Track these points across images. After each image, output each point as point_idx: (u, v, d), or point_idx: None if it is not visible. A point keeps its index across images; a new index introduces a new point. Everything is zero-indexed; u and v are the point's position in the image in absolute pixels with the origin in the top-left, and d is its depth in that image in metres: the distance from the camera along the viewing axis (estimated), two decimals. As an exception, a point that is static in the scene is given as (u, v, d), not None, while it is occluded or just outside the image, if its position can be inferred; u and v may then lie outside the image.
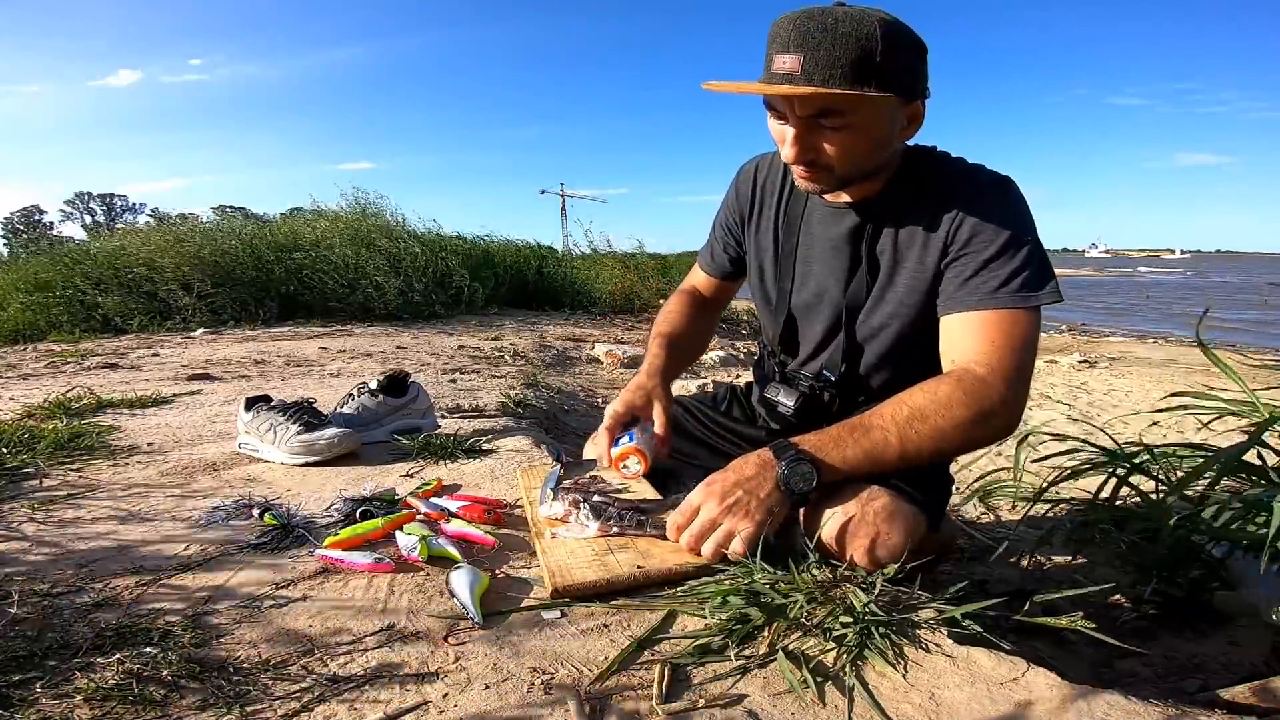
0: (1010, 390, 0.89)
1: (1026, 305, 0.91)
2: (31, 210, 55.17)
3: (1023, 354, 0.90)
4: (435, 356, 3.24)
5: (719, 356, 4.39)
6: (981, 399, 0.87)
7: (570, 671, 0.70)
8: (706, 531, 0.85)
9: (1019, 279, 0.91)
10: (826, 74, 0.83)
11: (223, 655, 0.72)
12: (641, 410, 1.06)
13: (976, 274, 0.93)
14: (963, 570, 1.31)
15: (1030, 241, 0.93)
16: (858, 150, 0.91)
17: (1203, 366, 4.85)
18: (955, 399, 0.87)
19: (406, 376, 1.65)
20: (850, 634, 0.72)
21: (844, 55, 0.83)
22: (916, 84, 0.91)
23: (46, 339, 4.12)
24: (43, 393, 2.09)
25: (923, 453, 0.87)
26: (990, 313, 0.92)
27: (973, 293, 0.93)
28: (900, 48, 0.86)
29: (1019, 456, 1.39)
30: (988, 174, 0.99)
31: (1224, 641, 1.00)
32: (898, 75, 0.86)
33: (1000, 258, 0.92)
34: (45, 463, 1.39)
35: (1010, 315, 0.91)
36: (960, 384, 0.88)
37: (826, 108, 0.87)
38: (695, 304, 1.28)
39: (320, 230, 5.43)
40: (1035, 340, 0.92)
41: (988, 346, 0.90)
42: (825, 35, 0.83)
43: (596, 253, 7.76)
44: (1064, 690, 0.66)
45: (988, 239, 0.93)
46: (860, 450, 0.86)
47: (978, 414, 0.87)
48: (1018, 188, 0.97)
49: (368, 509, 1.08)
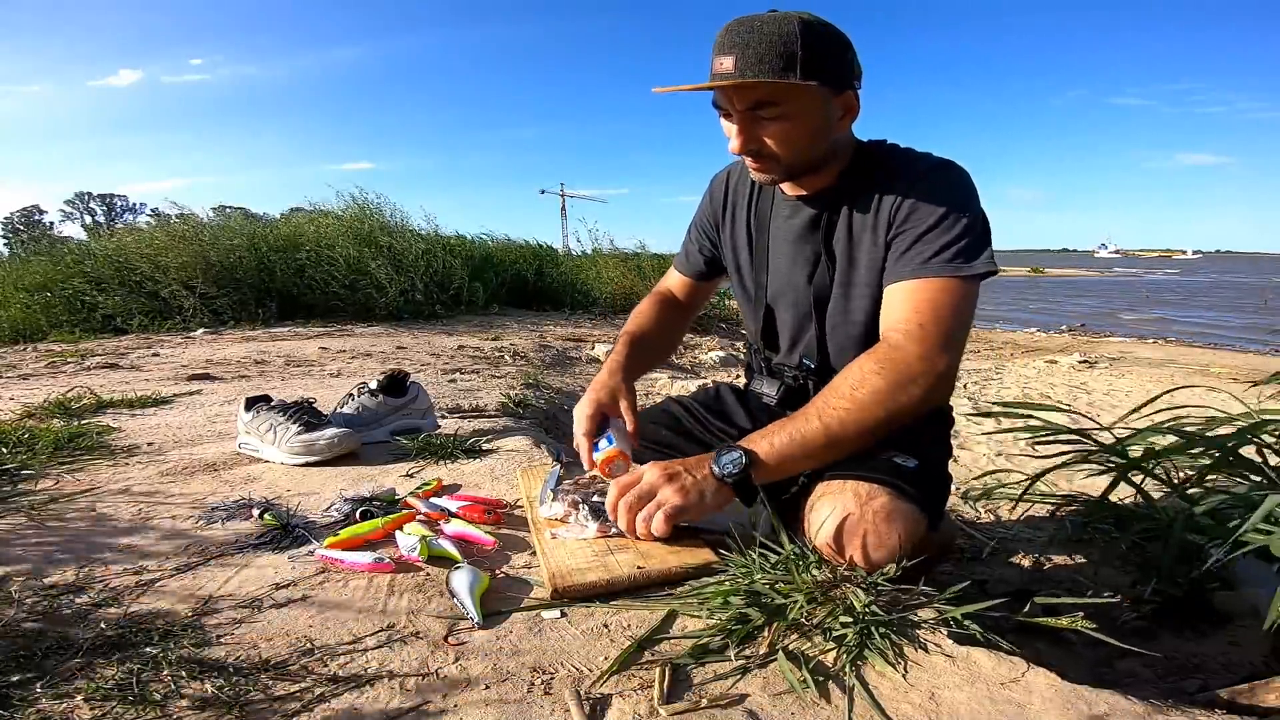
0: (930, 353, 0.91)
1: (957, 274, 0.95)
2: (31, 210, 55.21)
3: (949, 320, 0.94)
4: (435, 356, 3.24)
5: (719, 356, 4.39)
6: (898, 366, 0.91)
7: (570, 671, 0.70)
8: (644, 495, 0.90)
9: (951, 249, 0.95)
10: (756, 69, 0.91)
11: (223, 655, 0.72)
12: (609, 408, 1.09)
13: (911, 247, 0.97)
14: (963, 570, 1.31)
15: (966, 215, 0.97)
16: (796, 138, 0.97)
17: (1202, 367, 4.85)
18: (869, 370, 0.91)
19: (406, 376, 1.65)
20: (850, 634, 0.72)
21: (769, 51, 0.91)
22: (843, 74, 0.97)
23: (46, 339, 4.12)
24: (43, 393, 2.09)
25: (848, 427, 0.89)
26: (919, 281, 0.95)
27: (906, 264, 0.97)
28: (820, 41, 0.93)
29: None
30: (931, 159, 1.03)
31: (1224, 641, 1.00)
32: (821, 66, 0.93)
33: (934, 230, 0.96)
34: (45, 463, 1.39)
35: (938, 283, 0.95)
36: (874, 355, 0.92)
37: (760, 99, 0.94)
38: (666, 305, 1.32)
39: (321, 229, 5.43)
40: (965, 308, 0.96)
41: (910, 313, 0.95)
42: (753, 35, 0.92)
43: (598, 252, 7.76)
44: (1064, 690, 0.66)
45: (924, 214, 0.97)
46: (785, 435, 0.90)
47: (895, 382, 0.90)
48: (960, 168, 1.02)
49: (368, 509, 1.08)
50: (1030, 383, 4.14)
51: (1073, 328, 9.67)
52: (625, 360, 1.16)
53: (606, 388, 1.10)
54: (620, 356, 1.16)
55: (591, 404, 1.08)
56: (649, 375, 3.74)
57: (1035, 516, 1.57)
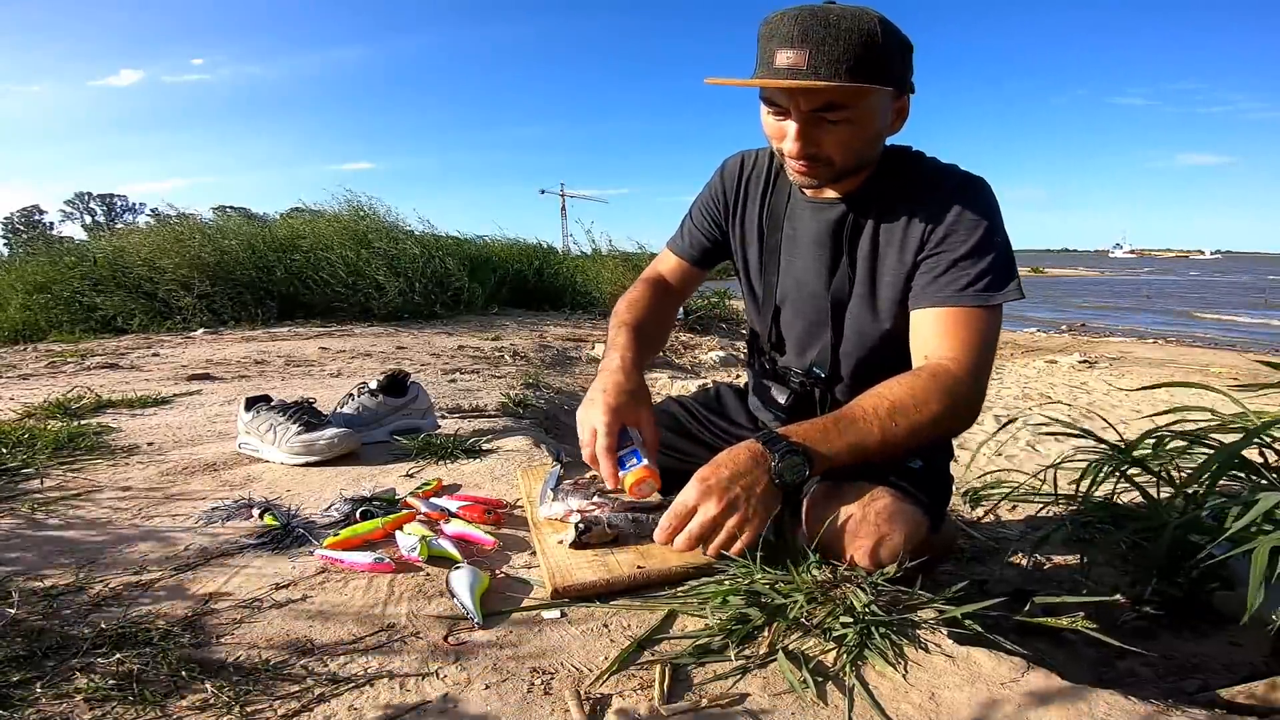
0: (978, 385, 0.95)
1: (990, 304, 0.96)
2: (31, 210, 55.20)
3: (987, 351, 0.96)
4: (435, 356, 3.24)
5: (719, 356, 4.39)
6: (955, 394, 0.92)
7: (570, 671, 0.70)
8: (707, 532, 0.84)
9: (986, 279, 0.95)
10: (833, 69, 0.86)
11: (223, 655, 0.72)
12: (629, 418, 0.98)
13: (947, 271, 0.97)
14: (963, 570, 1.31)
15: (999, 242, 0.97)
16: (855, 143, 0.94)
17: (1202, 366, 4.85)
18: (933, 395, 0.91)
19: (406, 376, 1.65)
20: (850, 634, 0.72)
21: (848, 50, 0.86)
22: (906, 79, 0.96)
23: (46, 339, 4.12)
24: (43, 393, 2.09)
25: (900, 444, 0.90)
26: (959, 310, 0.96)
27: (942, 289, 0.97)
28: (894, 43, 0.90)
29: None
30: (959, 174, 1.02)
31: (1224, 641, 1.00)
32: (894, 70, 0.91)
33: (970, 257, 0.96)
34: (45, 463, 1.38)
35: (976, 313, 0.96)
36: (936, 379, 0.92)
37: (831, 102, 0.90)
38: (660, 292, 1.23)
39: (318, 230, 5.43)
40: (997, 336, 0.98)
41: (957, 344, 0.95)
42: (829, 31, 0.86)
43: (598, 252, 7.76)
44: (1064, 690, 0.66)
45: (960, 239, 0.96)
46: (845, 443, 0.88)
47: (951, 408, 0.91)
48: (988, 187, 1.01)
49: (368, 509, 1.08)
50: (1030, 383, 4.14)
51: (1073, 327, 9.67)
52: (635, 356, 1.05)
53: (625, 393, 0.99)
54: (630, 352, 1.05)
55: (609, 412, 0.96)
56: (649, 375, 3.74)
57: (1035, 516, 1.57)
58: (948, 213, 0.97)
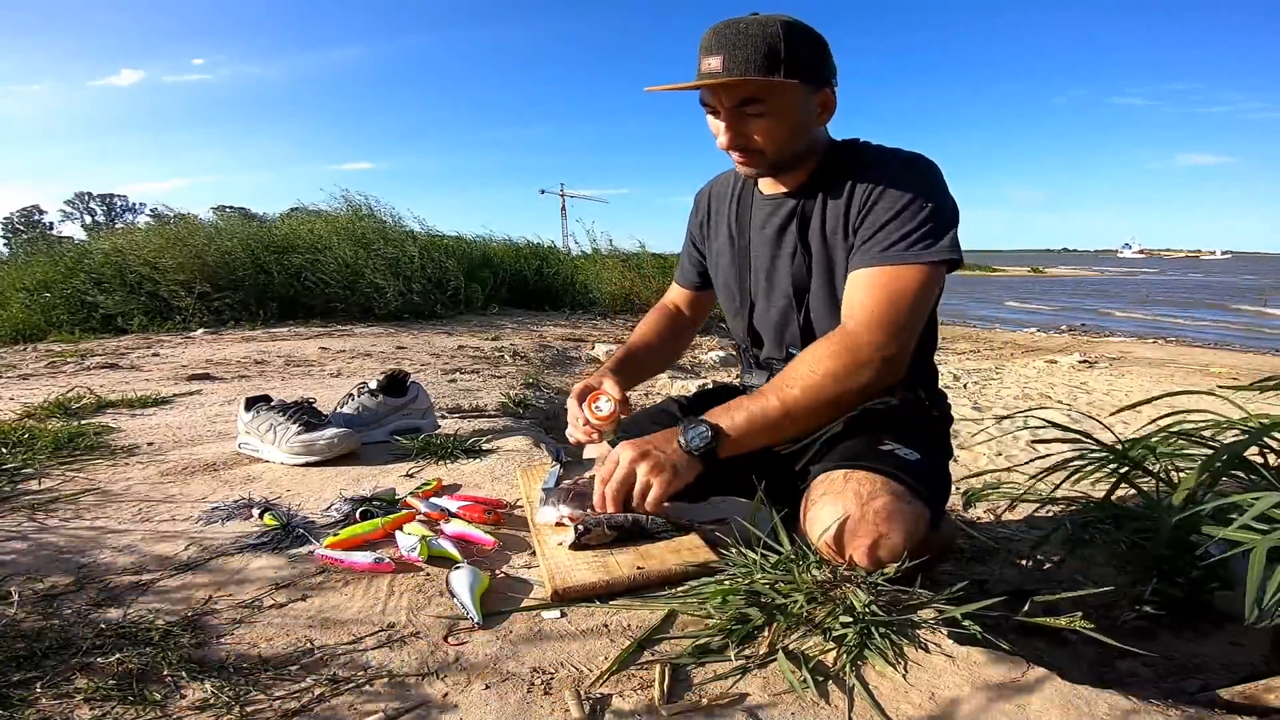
0: (880, 338, 0.97)
1: (916, 261, 0.98)
2: (31, 210, 55.18)
3: (902, 305, 0.98)
4: (435, 356, 3.24)
5: (719, 356, 4.39)
6: (850, 349, 0.96)
7: (570, 671, 0.70)
8: (624, 479, 0.94)
9: (911, 237, 0.99)
10: (743, 68, 0.96)
11: (223, 655, 0.72)
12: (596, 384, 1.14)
13: (873, 235, 1.01)
14: (963, 570, 1.31)
15: (930, 204, 1.00)
16: (780, 133, 1.02)
17: (1202, 366, 4.85)
18: (823, 353, 0.97)
19: (406, 376, 1.65)
20: (850, 634, 0.72)
21: (755, 51, 0.96)
22: (821, 73, 1.02)
23: (46, 339, 4.12)
24: (43, 393, 2.09)
25: (803, 406, 0.95)
26: (877, 269, 1.00)
27: (866, 253, 1.01)
28: (800, 42, 0.98)
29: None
30: (900, 153, 1.07)
31: (1224, 641, 1.00)
32: (801, 65, 0.98)
33: (895, 219, 1.00)
34: (45, 463, 1.39)
35: (895, 270, 0.98)
36: (829, 340, 0.98)
37: (746, 97, 0.99)
38: (667, 318, 1.39)
39: (317, 230, 5.42)
40: (922, 293, 0.99)
41: (865, 299, 0.99)
42: (739, 37, 0.97)
43: (598, 252, 7.76)
44: (1064, 690, 0.66)
45: (887, 204, 1.01)
46: (746, 412, 0.95)
47: (847, 365, 0.95)
48: (927, 160, 1.05)
49: (368, 509, 1.08)
50: (1030, 383, 4.14)
51: (1072, 327, 9.67)
52: (616, 365, 1.22)
53: (595, 376, 1.17)
54: (612, 362, 1.23)
55: (580, 386, 1.15)
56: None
57: (1035, 516, 1.57)
58: (880, 185, 1.02)
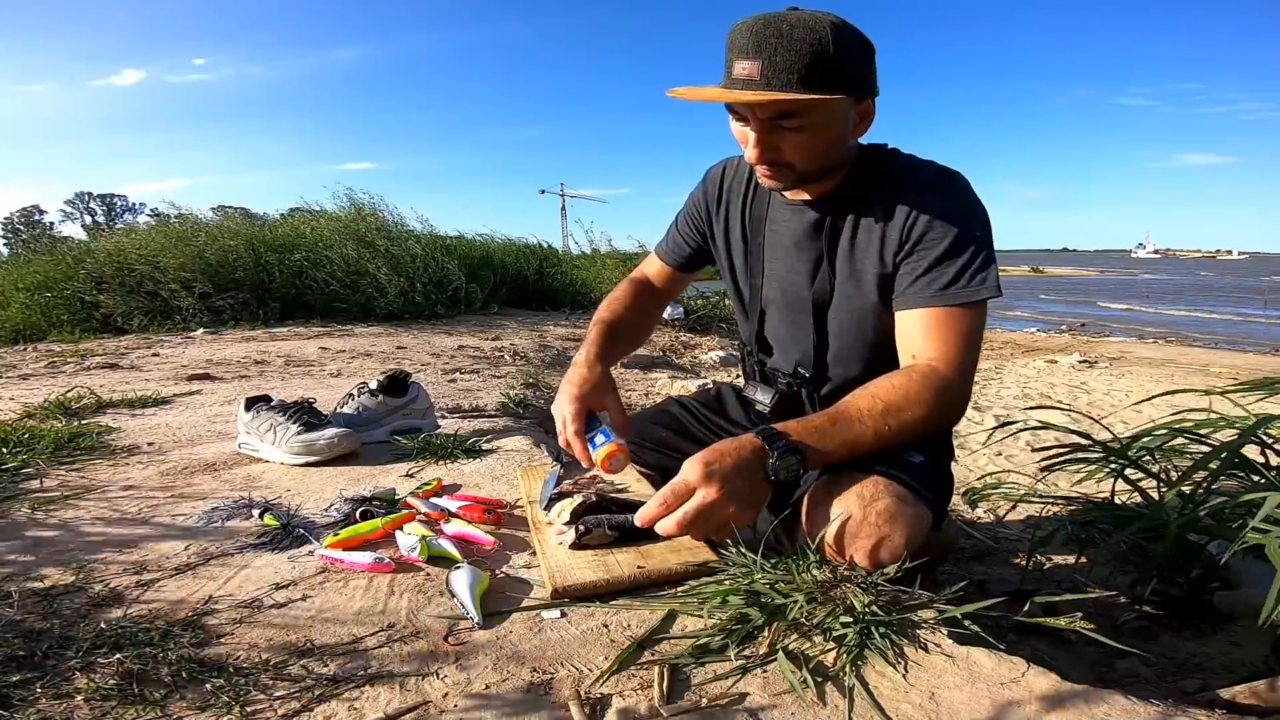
0: (965, 384, 0.96)
1: (973, 300, 0.96)
2: (31, 210, 55.16)
3: (972, 348, 0.97)
4: (435, 356, 3.24)
5: (719, 356, 4.39)
6: (944, 394, 0.93)
7: (570, 671, 0.70)
8: (704, 516, 0.83)
9: (966, 274, 0.96)
10: (784, 79, 0.87)
11: (223, 655, 0.72)
12: (594, 404, 1.05)
13: (928, 271, 0.97)
14: (963, 570, 1.31)
15: (977, 237, 0.98)
16: (815, 149, 0.96)
17: (1202, 366, 4.85)
18: (924, 396, 0.92)
19: (406, 376, 1.65)
20: (850, 634, 0.72)
21: (799, 60, 0.87)
22: (866, 83, 0.95)
23: (46, 339, 4.12)
24: (43, 393, 2.09)
25: (892, 442, 0.92)
26: (943, 310, 0.97)
27: (925, 288, 0.98)
28: (851, 49, 0.90)
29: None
30: (935, 168, 1.03)
31: (1224, 641, 1.00)
32: (849, 76, 0.91)
33: (950, 255, 0.96)
34: (45, 463, 1.39)
35: (958, 312, 0.96)
36: (927, 380, 0.93)
37: (786, 110, 0.91)
38: (643, 292, 1.29)
39: (318, 230, 5.42)
40: (981, 332, 0.99)
41: (942, 344, 0.96)
42: (781, 41, 0.87)
43: (597, 252, 7.77)
44: (1064, 690, 0.66)
45: (937, 236, 0.97)
46: (840, 441, 0.90)
47: (941, 407, 0.93)
48: (964, 180, 1.01)
49: (368, 509, 1.08)
50: (1030, 383, 4.14)
51: (1072, 327, 9.66)
52: (600, 350, 1.12)
53: (588, 383, 1.06)
54: (595, 347, 1.13)
55: (574, 400, 1.03)
56: (649, 375, 3.74)
57: (1035, 516, 1.57)
58: (924, 211, 0.97)
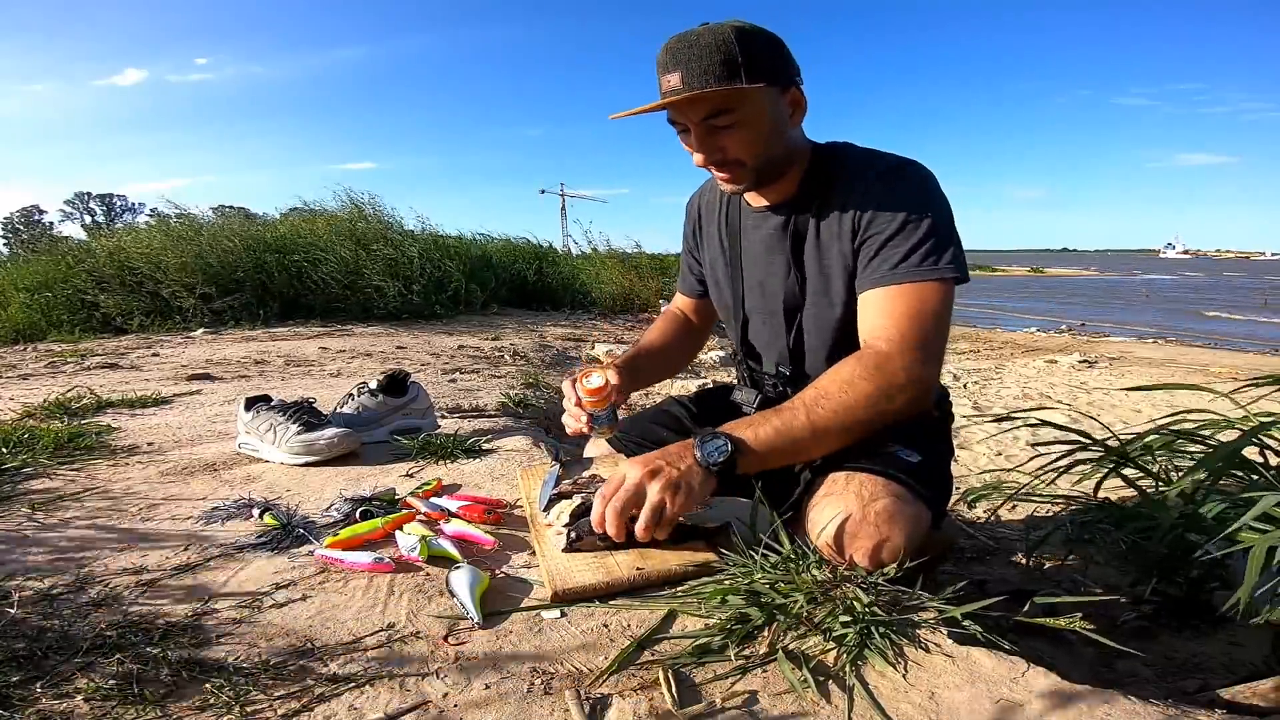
0: (912, 360, 0.94)
1: (926, 278, 0.96)
2: (31, 210, 55.17)
3: (927, 324, 0.95)
4: (435, 356, 3.24)
5: (719, 356, 4.39)
6: (884, 372, 0.93)
7: (570, 671, 0.70)
8: (631, 498, 0.86)
9: (917, 253, 0.96)
10: (703, 80, 0.94)
11: (223, 655, 0.72)
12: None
13: (878, 253, 0.99)
14: (963, 570, 1.31)
15: (928, 217, 0.98)
16: (755, 141, 1.00)
17: (1202, 366, 4.85)
18: (857, 375, 0.93)
19: (406, 376, 1.65)
20: (850, 634, 0.72)
21: (711, 61, 0.94)
22: (783, 72, 0.99)
23: (46, 339, 4.12)
24: (43, 393, 2.09)
25: (832, 428, 0.91)
26: (892, 288, 0.97)
27: (875, 270, 0.99)
28: (756, 45, 0.96)
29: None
30: (889, 158, 1.04)
31: (1224, 641, 1.00)
32: (761, 68, 0.96)
33: (898, 235, 0.97)
34: (45, 463, 1.39)
35: (910, 288, 0.96)
36: (861, 360, 0.94)
37: (713, 109, 0.97)
38: (674, 323, 1.38)
39: (318, 230, 5.42)
40: (940, 310, 0.97)
41: (888, 320, 0.96)
42: (693, 50, 0.95)
43: (596, 252, 7.77)
44: (1064, 690, 0.66)
45: (886, 218, 0.98)
46: (771, 427, 0.90)
47: (882, 389, 0.92)
48: (918, 166, 1.03)
49: (368, 509, 1.08)
50: (1030, 383, 4.14)
51: (1072, 327, 9.67)
52: (623, 360, 1.19)
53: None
54: (619, 358, 1.20)
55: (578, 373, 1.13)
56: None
57: (1035, 516, 1.57)
58: (874, 196, 1.00)
